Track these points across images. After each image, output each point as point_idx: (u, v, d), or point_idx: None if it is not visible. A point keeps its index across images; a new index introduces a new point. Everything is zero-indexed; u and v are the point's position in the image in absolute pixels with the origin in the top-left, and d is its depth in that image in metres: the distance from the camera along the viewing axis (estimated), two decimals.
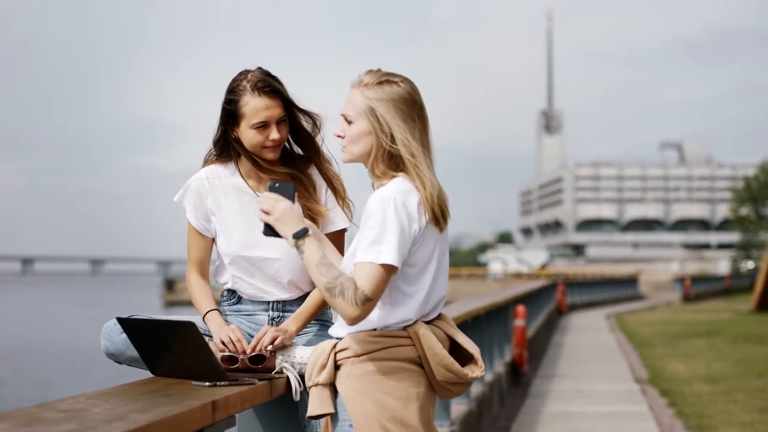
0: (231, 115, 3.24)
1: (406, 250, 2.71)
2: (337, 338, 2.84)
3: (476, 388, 8.14)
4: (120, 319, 3.00)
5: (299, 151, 3.38)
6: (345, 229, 3.32)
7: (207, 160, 3.39)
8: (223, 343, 3.10)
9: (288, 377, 3.02)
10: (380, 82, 2.82)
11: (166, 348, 2.86)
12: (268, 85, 3.21)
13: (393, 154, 2.80)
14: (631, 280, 50.77)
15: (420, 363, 2.79)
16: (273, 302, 3.34)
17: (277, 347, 3.09)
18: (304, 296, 3.34)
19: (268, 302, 3.34)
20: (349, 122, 2.84)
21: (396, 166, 2.81)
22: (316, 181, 3.33)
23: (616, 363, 14.48)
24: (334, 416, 2.79)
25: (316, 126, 3.32)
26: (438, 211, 2.79)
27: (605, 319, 26.91)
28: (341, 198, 3.34)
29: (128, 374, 3.08)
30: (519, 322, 12.06)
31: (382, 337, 2.75)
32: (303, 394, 3.00)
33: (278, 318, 3.33)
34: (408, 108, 2.81)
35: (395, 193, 2.73)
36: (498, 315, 10.15)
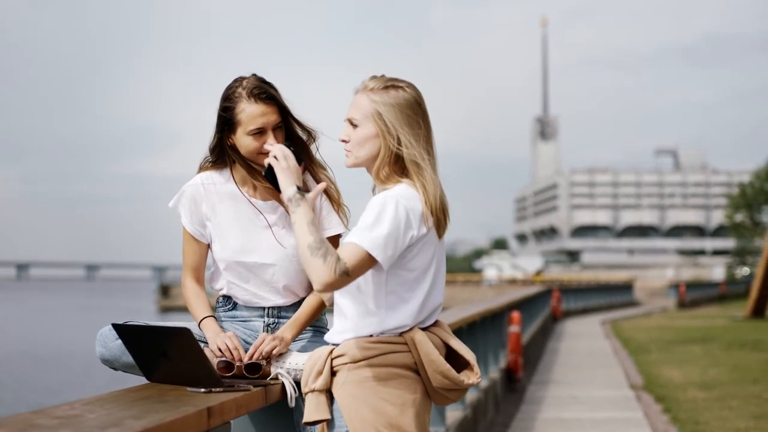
0: (227, 122, 3.24)
1: (394, 250, 2.70)
2: (333, 344, 2.84)
3: (471, 395, 8.14)
4: (115, 325, 2.99)
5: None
6: (340, 235, 3.32)
7: (202, 167, 3.39)
8: (221, 351, 3.10)
9: (283, 383, 3.02)
10: (386, 87, 2.83)
11: (162, 354, 2.86)
12: (264, 91, 3.21)
13: (398, 159, 2.80)
14: (627, 287, 50.83)
15: (416, 369, 2.79)
16: (268, 308, 3.34)
17: (274, 357, 3.10)
18: (300, 302, 3.34)
19: (264, 308, 3.34)
20: (354, 126, 2.84)
21: (401, 171, 2.81)
22: (311, 188, 3.33)
23: (611, 369, 14.48)
24: (331, 422, 2.80)
25: (311, 137, 3.33)
26: (441, 218, 2.80)
27: (600, 326, 26.93)
28: (336, 203, 3.34)
29: (123, 380, 3.07)
30: (514, 329, 12.06)
31: (378, 344, 2.75)
32: (298, 401, 3.01)
33: (273, 324, 3.33)
34: (413, 113, 2.82)
35: (399, 197, 2.73)
36: (493, 321, 10.15)
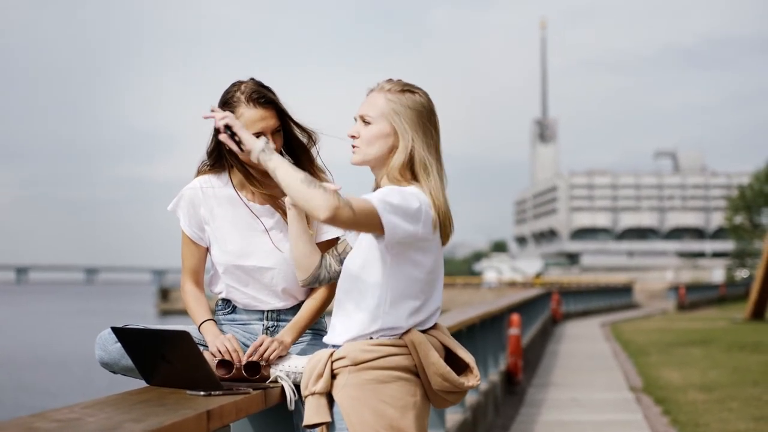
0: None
1: (399, 224, 2.67)
2: (333, 346, 2.84)
3: (471, 397, 8.14)
4: (114, 329, 2.99)
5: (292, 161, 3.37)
6: (338, 238, 3.32)
7: (200, 171, 3.39)
8: (220, 353, 3.10)
9: (282, 386, 3.02)
10: (402, 91, 2.84)
11: (161, 357, 2.86)
12: (263, 96, 3.22)
13: (409, 162, 2.80)
14: (626, 289, 50.77)
15: (416, 372, 2.79)
16: (267, 311, 3.34)
17: (273, 360, 3.10)
18: (299, 305, 3.34)
19: (263, 311, 3.34)
20: (366, 123, 2.83)
21: (411, 175, 2.82)
22: None
23: (611, 372, 14.47)
24: (331, 425, 2.80)
25: (311, 140, 3.33)
26: (447, 225, 2.81)
27: (600, 328, 26.91)
28: None
29: (123, 384, 3.07)
30: (514, 331, 12.06)
31: (379, 346, 2.75)
32: (298, 404, 3.01)
33: (273, 327, 3.33)
34: (426, 120, 2.83)
35: (416, 193, 2.75)
36: (493, 324, 10.15)
